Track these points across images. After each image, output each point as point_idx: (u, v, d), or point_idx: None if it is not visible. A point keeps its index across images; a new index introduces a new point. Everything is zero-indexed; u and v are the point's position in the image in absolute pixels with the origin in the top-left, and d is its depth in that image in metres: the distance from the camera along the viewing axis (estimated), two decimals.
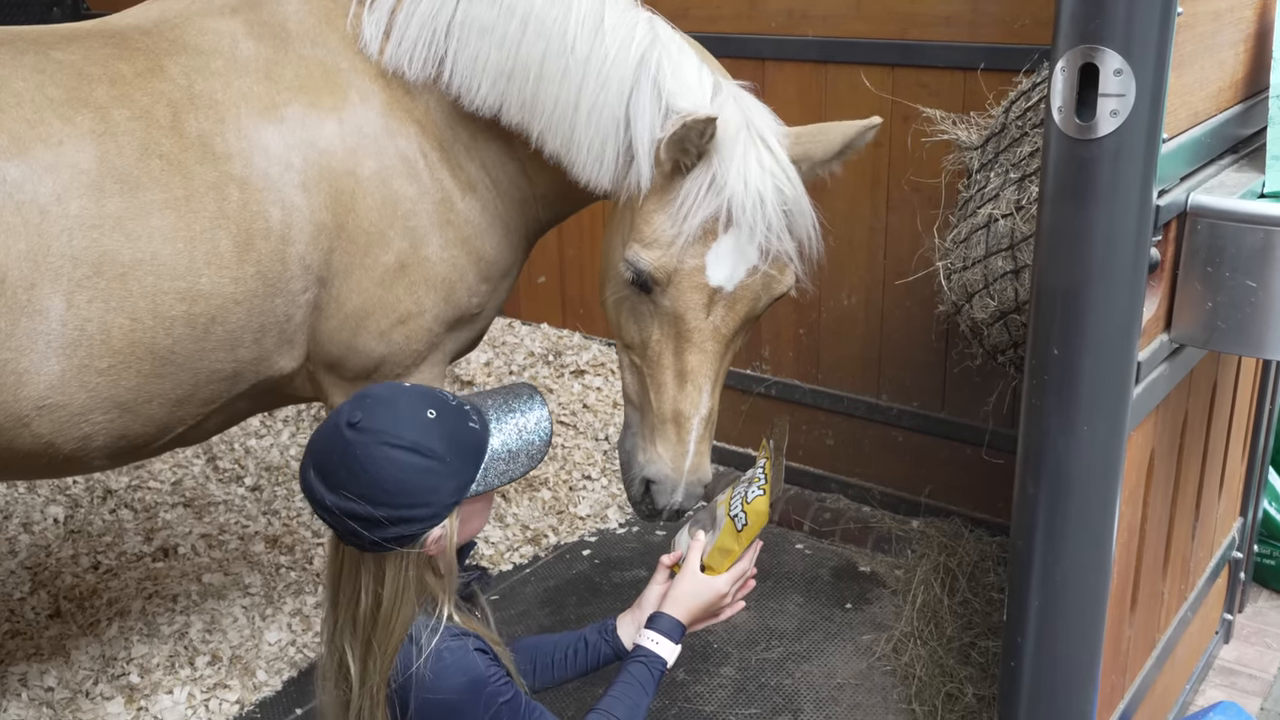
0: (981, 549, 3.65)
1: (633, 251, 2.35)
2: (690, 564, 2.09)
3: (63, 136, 2.19)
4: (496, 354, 4.95)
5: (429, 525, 1.71)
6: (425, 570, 1.77)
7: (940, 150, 3.01)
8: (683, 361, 2.40)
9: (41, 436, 2.22)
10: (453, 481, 1.72)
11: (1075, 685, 2.02)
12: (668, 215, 2.32)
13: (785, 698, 3.18)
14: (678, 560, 2.14)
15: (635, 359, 2.51)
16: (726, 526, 2.10)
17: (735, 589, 2.11)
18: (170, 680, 3.21)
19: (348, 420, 1.70)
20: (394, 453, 1.67)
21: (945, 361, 3.80)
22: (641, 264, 2.34)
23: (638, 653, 1.99)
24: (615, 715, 1.90)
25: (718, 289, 2.35)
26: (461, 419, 1.76)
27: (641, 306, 2.43)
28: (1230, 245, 2.06)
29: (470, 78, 2.46)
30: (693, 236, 2.31)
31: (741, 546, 2.09)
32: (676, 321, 2.38)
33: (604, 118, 2.37)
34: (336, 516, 1.70)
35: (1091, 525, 1.92)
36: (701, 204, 2.29)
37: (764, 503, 2.11)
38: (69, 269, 2.15)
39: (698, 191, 2.29)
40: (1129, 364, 1.87)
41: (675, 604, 2.04)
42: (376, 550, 1.72)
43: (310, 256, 2.42)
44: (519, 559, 3.87)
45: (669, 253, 2.32)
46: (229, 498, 4.12)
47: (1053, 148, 1.76)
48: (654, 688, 1.97)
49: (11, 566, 3.69)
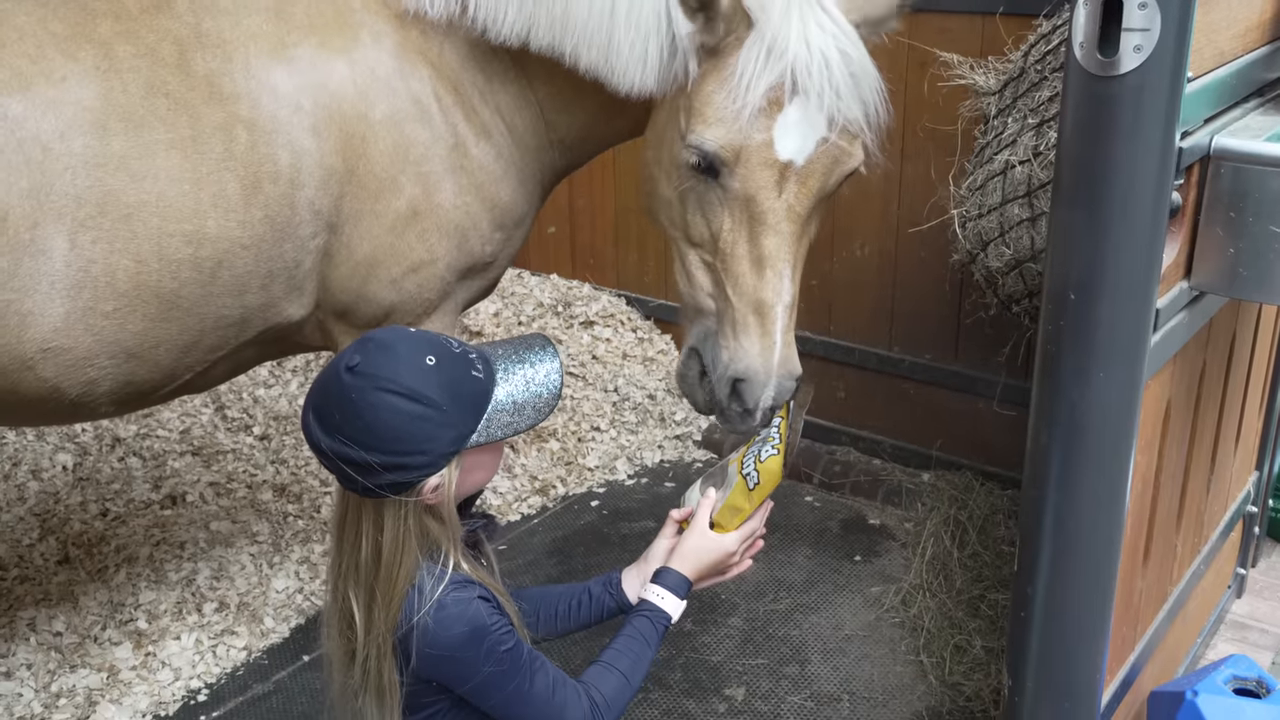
0: (992, 502, 3.63)
1: (696, 134, 2.28)
2: (699, 521, 2.05)
3: (66, 72, 2.16)
4: (505, 305, 4.92)
5: (425, 473, 1.69)
6: (427, 518, 1.74)
7: (957, 96, 2.96)
8: (759, 247, 2.31)
9: (47, 380, 2.21)
10: (450, 431, 1.69)
11: (1086, 637, 2.00)
12: (727, 90, 2.24)
13: (793, 649, 3.18)
14: (687, 516, 2.10)
15: (705, 255, 2.41)
16: (738, 484, 2.06)
17: (744, 548, 2.08)
18: (178, 626, 3.22)
19: (347, 364, 1.67)
20: (389, 398, 1.65)
21: (958, 312, 3.77)
22: (707, 144, 2.26)
23: (642, 607, 1.97)
24: (618, 668, 1.88)
25: (788, 164, 2.27)
26: (464, 367, 1.72)
27: (709, 195, 2.34)
28: (1254, 190, 2.02)
29: (496, 6, 2.39)
30: (757, 108, 2.23)
31: (752, 505, 2.06)
32: (748, 204, 2.30)
33: (644, 14, 2.30)
34: (332, 460, 1.68)
35: (1105, 475, 1.90)
36: (762, 72, 2.21)
37: (777, 462, 2.07)
38: (72, 208, 2.12)
39: (756, 59, 2.21)
40: (1147, 311, 1.83)
41: (682, 560, 2.01)
42: (372, 496, 1.71)
43: (320, 201, 2.38)
44: (527, 509, 3.87)
45: (734, 128, 2.24)
46: (237, 446, 4.12)
47: (1073, 86, 1.72)
48: (658, 642, 1.94)
49: (20, 513, 3.70)
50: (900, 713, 2.93)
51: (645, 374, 4.58)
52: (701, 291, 2.43)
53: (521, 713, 1.78)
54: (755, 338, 2.33)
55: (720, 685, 3.03)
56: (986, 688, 2.94)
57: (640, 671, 1.91)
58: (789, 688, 3.02)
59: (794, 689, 3.02)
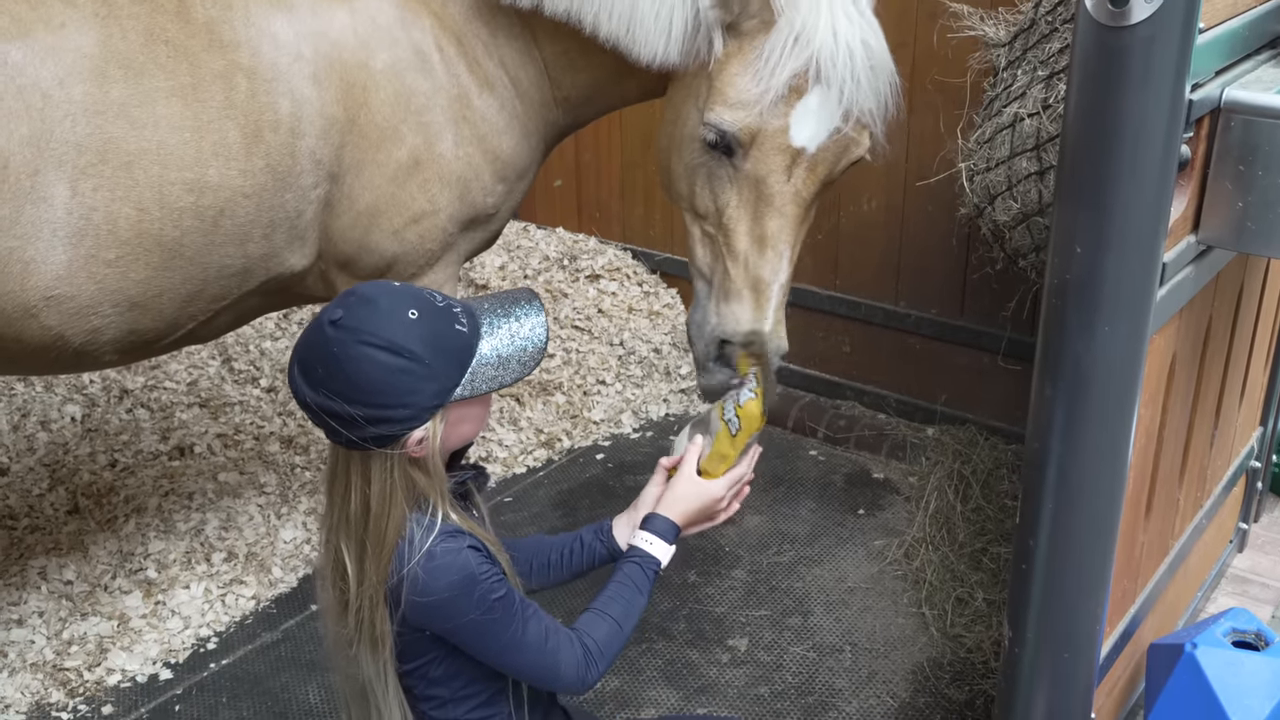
0: (996, 456, 3.64)
1: (715, 113, 2.31)
2: (686, 467, 2.06)
3: (65, 19, 2.14)
4: (511, 258, 4.91)
5: (408, 426, 1.68)
6: (413, 471, 1.74)
7: (967, 48, 2.92)
8: (762, 227, 2.36)
9: (50, 329, 2.21)
10: (433, 384, 1.68)
11: (1086, 589, 2.01)
12: (752, 74, 2.26)
13: (796, 600, 3.20)
14: (676, 464, 2.12)
15: (709, 228, 2.46)
16: (721, 431, 2.08)
17: (731, 493, 2.09)
18: (187, 575, 3.25)
19: (330, 318, 1.67)
20: (371, 351, 1.64)
21: (965, 267, 3.75)
22: (725, 125, 2.30)
23: (632, 553, 1.98)
24: (610, 614, 1.89)
25: (800, 150, 2.30)
26: (447, 321, 1.71)
27: (720, 172, 2.38)
28: (1264, 143, 2.00)
29: None
30: (779, 94, 2.25)
31: (736, 451, 2.07)
32: (757, 185, 2.34)
33: None
34: (317, 414, 1.68)
35: (1109, 429, 1.89)
36: (788, 58, 2.23)
37: (756, 405, 2.10)
38: (73, 156, 2.12)
39: (783, 46, 2.22)
40: (1154, 264, 1.82)
41: (670, 505, 2.02)
42: (358, 449, 1.71)
43: (321, 151, 2.37)
44: (533, 462, 3.89)
45: (753, 112, 2.27)
46: (244, 398, 4.13)
47: (1083, 36, 1.69)
48: (649, 587, 1.95)
49: (30, 464, 3.72)
50: (902, 664, 2.96)
51: (651, 328, 4.57)
52: (700, 262, 2.51)
53: (515, 660, 1.79)
54: (749, 308, 2.41)
55: (723, 636, 3.06)
56: (987, 639, 2.96)
57: (632, 617, 1.91)
58: (791, 639, 3.05)
59: (796, 640, 3.04)
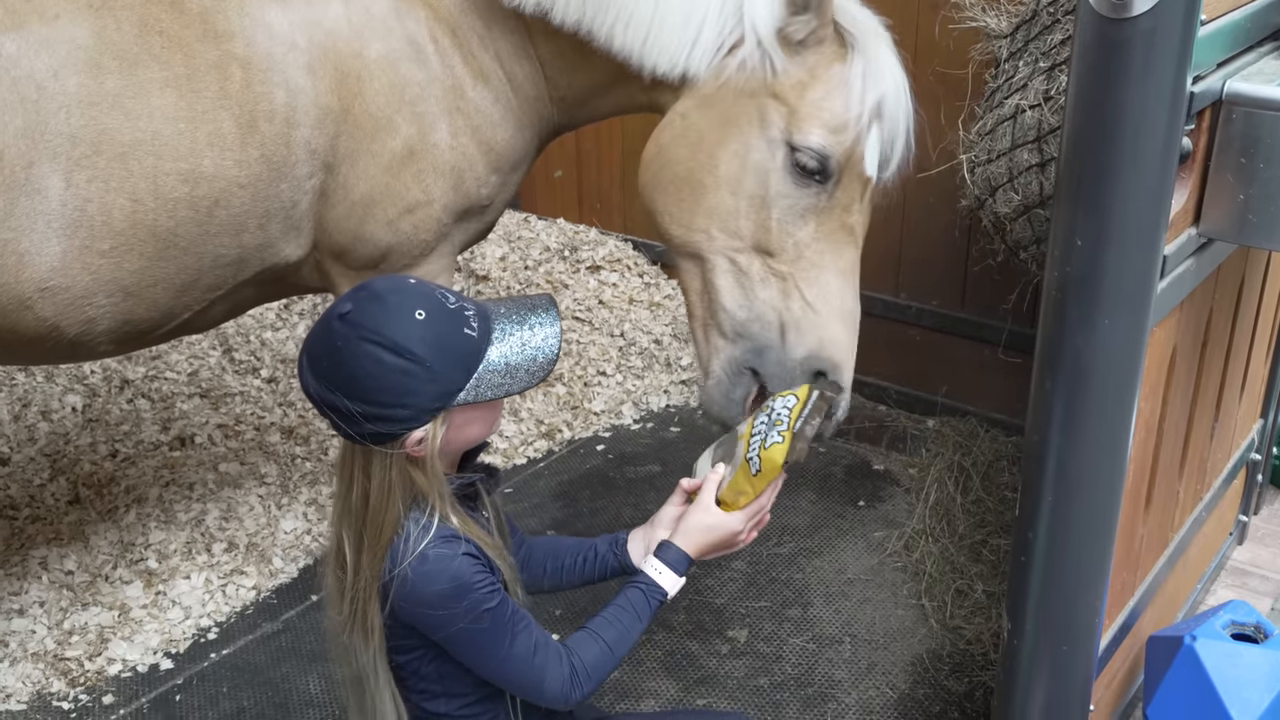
0: (997, 448, 3.63)
1: (817, 137, 2.24)
2: (705, 496, 2.00)
3: (59, 10, 2.13)
4: (512, 249, 4.90)
5: (406, 427, 1.67)
6: (413, 470, 1.73)
7: (968, 39, 2.91)
8: (843, 259, 2.30)
9: (45, 319, 2.21)
10: (435, 387, 1.66)
11: (1086, 582, 2.01)
12: (842, 98, 2.23)
13: (795, 591, 3.19)
14: (696, 488, 2.06)
15: (780, 266, 2.33)
16: (742, 466, 2.00)
17: (751, 525, 2.02)
18: (188, 565, 3.25)
19: (339, 311, 1.66)
20: (373, 349, 1.63)
21: (966, 259, 3.74)
22: (829, 149, 2.25)
23: (639, 579, 1.93)
24: (603, 638, 1.85)
25: (868, 180, 2.29)
26: (457, 324, 1.68)
27: (804, 202, 2.30)
28: (1266, 135, 1.99)
29: None
30: (870, 118, 2.23)
31: (755, 491, 1.99)
32: (840, 215, 2.29)
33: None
34: (320, 406, 1.69)
35: (1109, 421, 1.89)
36: (870, 87, 2.21)
37: (780, 452, 1.96)
38: (67, 147, 2.11)
39: (863, 74, 2.22)
40: (1154, 257, 1.81)
41: (686, 536, 1.96)
42: (357, 444, 1.71)
43: (315, 141, 2.36)
44: (533, 453, 3.88)
45: (851, 135, 2.24)
46: (245, 389, 4.13)
47: (1084, 28, 1.68)
48: (649, 616, 1.90)
49: (31, 453, 3.73)
50: (901, 655, 2.95)
51: (651, 319, 4.57)
52: (765, 304, 2.37)
53: (500, 671, 1.77)
54: (843, 340, 2.34)
55: (723, 627, 3.05)
56: (987, 631, 2.96)
57: (626, 644, 1.87)
58: (791, 630, 3.04)
59: (796, 631, 3.04)
